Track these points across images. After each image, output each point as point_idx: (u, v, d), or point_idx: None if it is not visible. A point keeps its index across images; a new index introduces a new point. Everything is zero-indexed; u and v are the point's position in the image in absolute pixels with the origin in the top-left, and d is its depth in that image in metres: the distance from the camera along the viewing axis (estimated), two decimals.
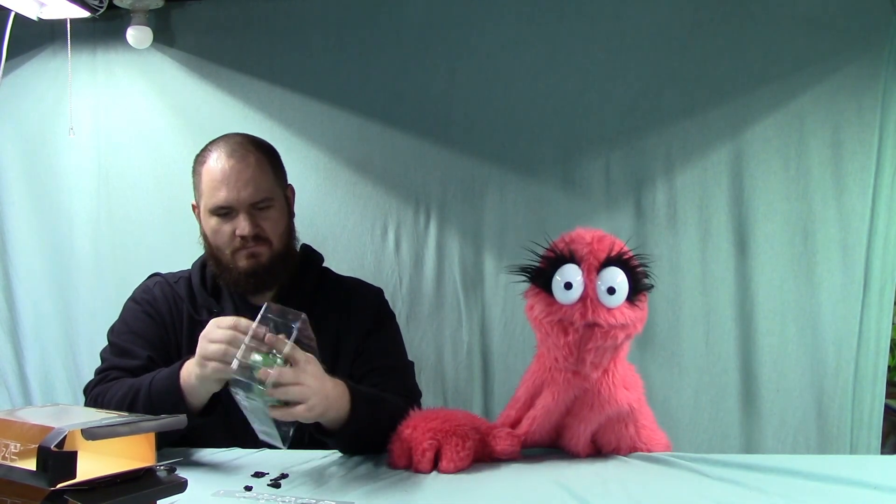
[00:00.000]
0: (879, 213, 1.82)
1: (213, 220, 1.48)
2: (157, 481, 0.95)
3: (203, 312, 1.51)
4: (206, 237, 1.52)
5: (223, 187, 1.45)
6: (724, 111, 1.88)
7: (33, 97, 2.10)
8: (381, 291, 1.66)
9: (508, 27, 1.95)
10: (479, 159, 1.97)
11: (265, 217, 1.48)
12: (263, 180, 1.48)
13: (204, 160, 1.50)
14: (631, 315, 1.30)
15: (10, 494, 0.87)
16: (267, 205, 1.48)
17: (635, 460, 1.36)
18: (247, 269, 1.48)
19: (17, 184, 2.11)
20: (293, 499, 1.13)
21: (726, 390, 1.88)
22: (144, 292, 1.55)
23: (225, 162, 1.47)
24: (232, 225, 1.47)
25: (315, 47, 2.02)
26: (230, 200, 1.45)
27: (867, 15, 1.81)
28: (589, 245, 1.31)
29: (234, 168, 1.46)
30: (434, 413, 1.41)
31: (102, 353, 1.51)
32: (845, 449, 1.82)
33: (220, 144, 1.51)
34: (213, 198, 1.47)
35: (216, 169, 1.47)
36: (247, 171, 1.46)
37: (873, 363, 1.83)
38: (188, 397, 1.28)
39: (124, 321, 1.52)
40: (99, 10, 1.93)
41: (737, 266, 1.88)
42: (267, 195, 1.48)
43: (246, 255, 1.48)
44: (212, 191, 1.47)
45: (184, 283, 1.55)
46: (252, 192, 1.46)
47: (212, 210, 1.48)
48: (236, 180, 1.45)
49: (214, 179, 1.47)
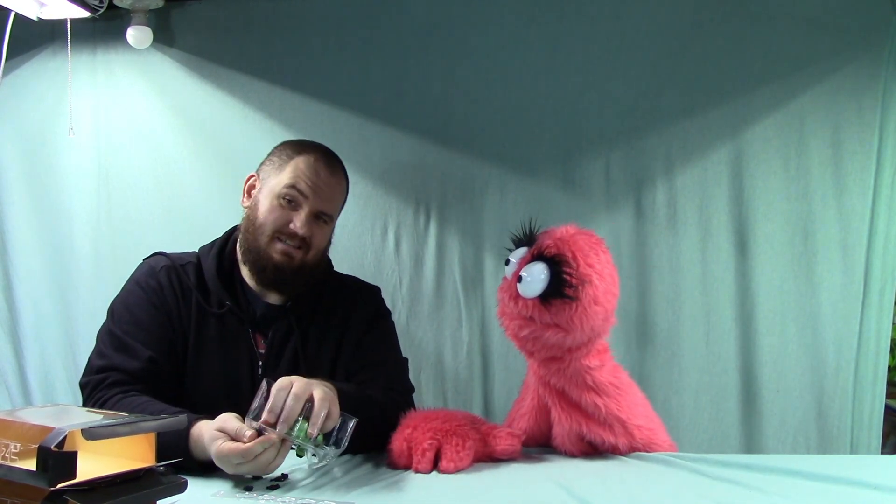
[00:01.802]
0: (879, 213, 1.82)
1: (276, 201, 1.50)
2: (157, 481, 0.95)
3: (215, 304, 1.50)
4: (255, 213, 1.52)
5: (309, 182, 1.50)
6: (724, 111, 1.88)
7: (33, 97, 2.10)
8: (378, 290, 1.68)
9: (508, 27, 1.95)
10: (479, 159, 1.97)
11: (319, 227, 1.53)
12: (337, 200, 1.58)
13: (300, 151, 1.54)
14: (537, 312, 1.31)
15: (10, 494, 0.87)
16: (327, 220, 1.55)
17: (635, 460, 1.36)
18: (277, 263, 1.49)
19: (17, 184, 2.11)
20: (293, 499, 1.13)
21: (726, 390, 1.87)
22: (150, 277, 1.51)
23: (322, 166, 1.53)
24: (291, 215, 1.49)
25: (315, 47, 2.02)
26: (308, 194, 1.50)
27: (867, 15, 1.81)
28: (550, 238, 1.35)
29: (326, 175, 1.53)
30: (434, 413, 1.41)
31: (100, 338, 1.47)
32: (845, 449, 1.82)
33: (319, 149, 1.57)
34: (295, 181, 1.50)
35: (311, 166, 1.52)
36: (334, 185, 1.55)
37: (873, 363, 1.83)
38: (195, 454, 1.25)
39: (128, 308, 1.48)
40: (99, 10, 1.93)
41: (737, 266, 1.88)
42: (332, 213, 1.56)
43: (283, 249, 1.49)
44: (298, 177, 1.50)
45: (192, 270, 1.53)
46: (326, 203, 1.53)
47: (286, 189, 1.50)
48: (324, 185, 1.52)
49: (305, 172, 1.51)
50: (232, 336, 1.50)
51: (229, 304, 1.50)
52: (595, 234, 1.41)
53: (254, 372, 1.49)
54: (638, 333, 1.91)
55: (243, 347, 1.50)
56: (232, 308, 1.50)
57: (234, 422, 1.21)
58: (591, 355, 1.38)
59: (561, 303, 1.29)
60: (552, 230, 1.39)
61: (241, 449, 1.17)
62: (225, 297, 1.51)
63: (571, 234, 1.36)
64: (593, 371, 1.37)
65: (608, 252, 1.39)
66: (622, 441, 1.38)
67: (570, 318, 1.30)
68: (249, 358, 1.50)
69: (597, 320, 1.33)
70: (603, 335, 1.39)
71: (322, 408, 1.21)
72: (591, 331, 1.33)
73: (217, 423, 1.23)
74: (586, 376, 1.36)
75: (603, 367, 1.39)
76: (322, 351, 1.53)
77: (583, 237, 1.36)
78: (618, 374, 1.42)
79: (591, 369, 1.37)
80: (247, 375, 1.49)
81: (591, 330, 1.33)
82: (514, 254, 1.41)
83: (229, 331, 1.50)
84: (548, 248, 1.33)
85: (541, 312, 1.31)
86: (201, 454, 1.24)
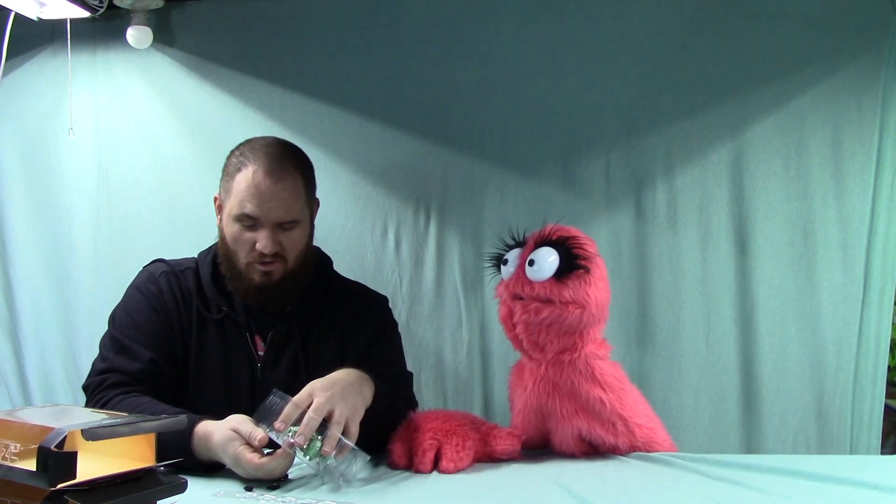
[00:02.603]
0: (879, 213, 1.82)
1: (235, 225, 1.44)
2: (157, 481, 0.95)
3: (213, 309, 1.50)
4: (225, 237, 1.48)
5: (255, 201, 1.41)
6: (724, 111, 1.88)
7: (33, 97, 2.10)
8: (386, 300, 1.67)
9: (508, 27, 1.95)
10: (479, 159, 1.97)
11: (288, 236, 1.45)
12: (295, 203, 1.45)
13: (240, 166, 1.44)
14: (558, 291, 1.33)
15: (10, 494, 0.87)
16: (292, 226, 1.46)
17: (635, 460, 1.36)
18: (259, 284, 1.45)
19: (17, 184, 2.11)
20: (293, 499, 1.13)
21: (726, 390, 1.87)
22: (150, 282, 1.51)
23: (262, 178, 1.41)
24: (254, 236, 1.43)
25: (315, 47, 2.02)
26: (258, 216, 1.42)
27: (867, 15, 1.81)
28: (540, 232, 1.40)
29: (270, 187, 1.41)
30: (434, 413, 1.41)
31: (103, 343, 1.48)
32: (845, 449, 1.82)
33: (260, 154, 1.44)
34: (241, 207, 1.42)
35: (252, 181, 1.41)
36: (282, 193, 1.42)
37: (873, 363, 1.83)
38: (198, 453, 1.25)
39: (128, 313, 1.49)
40: (99, 10, 1.93)
41: (737, 266, 1.88)
42: (295, 217, 1.46)
43: (261, 272, 1.44)
44: (242, 200, 1.42)
45: (191, 275, 1.52)
46: (282, 213, 1.43)
47: (237, 217, 1.44)
48: (270, 199, 1.41)
49: (248, 191, 1.42)
50: (231, 340, 1.49)
51: (226, 309, 1.50)
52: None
53: (253, 374, 1.49)
54: (638, 333, 1.91)
55: (242, 351, 1.49)
56: (229, 313, 1.50)
57: (247, 424, 1.22)
58: (597, 343, 1.41)
59: (576, 277, 1.33)
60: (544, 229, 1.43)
61: (259, 463, 1.19)
62: (222, 302, 1.50)
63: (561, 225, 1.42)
64: (600, 361, 1.39)
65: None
66: (623, 441, 1.38)
67: (585, 292, 1.34)
68: (248, 361, 1.49)
69: (605, 295, 1.38)
70: (604, 319, 1.42)
71: (338, 430, 1.21)
72: (601, 308, 1.37)
73: (230, 423, 1.23)
74: (594, 367, 1.38)
75: (606, 359, 1.42)
76: (324, 356, 1.51)
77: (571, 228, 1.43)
78: (617, 371, 1.43)
79: (599, 358, 1.39)
80: (246, 378, 1.48)
81: (601, 307, 1.37)
82: (509, 254, 1.44)
83: (228, 335, 1.49)
84: (550, 233, 1.38)
85: (559, 290, 1.33)
86: (204, 453, 1.24)
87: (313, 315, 1.54)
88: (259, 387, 1.46)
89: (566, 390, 1.38)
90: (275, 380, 1.45)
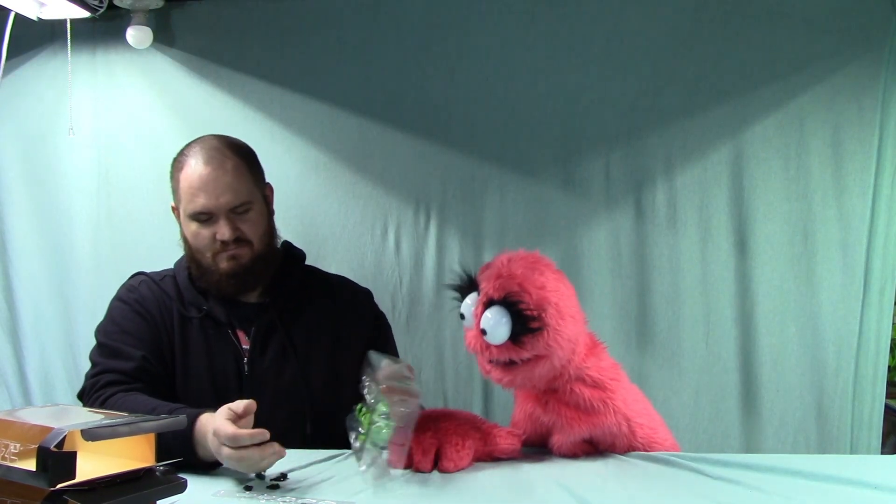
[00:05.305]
0: (879, 213, 1.82)
1: (193, 224, 1.49)
2: (157, 481, 0.95)
3: (192, 310, 1.51)
4: (187, 240, 1.52)
5: (201, 194, 1.46)
6: (724, 111, 1.88)
7: (33, 97, 2.10)
8: (370, 293, 1.69)
9: (508, 27, 1.95)
10: (479, 159, 1.97)
11: (245, 220, 1.49)
12: (241, 185, 1.49)
13: (181, 166, 1.50)
14: (517, 353, 1.29)
15: (10, 494, 0.87)
16: (246, 208, 1.49)
17: (635, 460, 1.36)
18: (228, 270, 1.48)
19: (17, 184, 2.11)
20: (293, 499, 1.13)
21: (726, 390, 1.88)
22: (130, 291, 1.54)
23: (202, 169, 1.46)
24: (212, 229, 1.47)
25: (315, 47, 2.02)
26: (209, 206, 1.46)
27: (867, 15, 1.81)
28: (490, 278, 1.31)
29: (211, 175, 1.46)
30: (434, 413, 1.41)
31: (92, 355, 1.49)
32: (845, 449, 1.82)
33: (196, 150, 1.50)
34: (192, 204, 1.47)
35: (194, 175, 1.47)
36: (224, 177, 1.47)
37: (873, 363, 1.83)
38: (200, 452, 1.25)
39: (113, 321, 1.51)
40: (99, 10, 1.93)
41: (737, 266, 1.88)
42: (246, 199, 1.49)
43: (227, 257, 1.48)
44: (190, 197, 1.47)
45: (170, 282, 1.55)
46: (231, 197, 1.47)
47: (191, 215, 1.48)
48: (214, 187, 1.46)
49: (192, 186, 1.46)
50: (214, 338, 1.51)
51: (205, 308, 1.51)
52: (524, 250, 1.38)
53: (240, 368, 1.50)
54: (638, 333, 1.91)
55: (227, 347, 1.50)
56: (209, 312, 1.51)
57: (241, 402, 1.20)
58: (586, 351, 1.38)
59: (532, 336, 1.28)
60: (490, 267, 1.34)
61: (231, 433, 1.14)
62: (201, 302, 1.52)
63: (508, 267, 1.32)
64: (590, 370, 1.37)
65: (546, 259, 1.37)
66: (623, 441, 1.38)
67: (547, 344, 1.28)
68: (234, 356, 1.50)
69: (571, 330, 1.31)
70: (582, 337, 1.37)
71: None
72: (570, 343, 1.32)
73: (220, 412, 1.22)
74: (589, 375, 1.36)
75: (599, 364, 1.39)
76: (314, 345, 1.53)
77: (520, 263, 1.33)
78: (617, 370, 1.42)
79: (588, 368, 1.37)
80: (232, 373, 1.50)
81: (570, 342, 1.31)
82: (463, 306, 1.36)
83: (210, 333, 1.51)
84: (495, 291, 1.29)
85: (518, 352, 1.29)
86: (204, 451, 1.24)
87: (294, 305, 1.55)
88: (247, 380, 1.48)
89: (564, 400, 1.37)
90: (264, 371, 1.49)
